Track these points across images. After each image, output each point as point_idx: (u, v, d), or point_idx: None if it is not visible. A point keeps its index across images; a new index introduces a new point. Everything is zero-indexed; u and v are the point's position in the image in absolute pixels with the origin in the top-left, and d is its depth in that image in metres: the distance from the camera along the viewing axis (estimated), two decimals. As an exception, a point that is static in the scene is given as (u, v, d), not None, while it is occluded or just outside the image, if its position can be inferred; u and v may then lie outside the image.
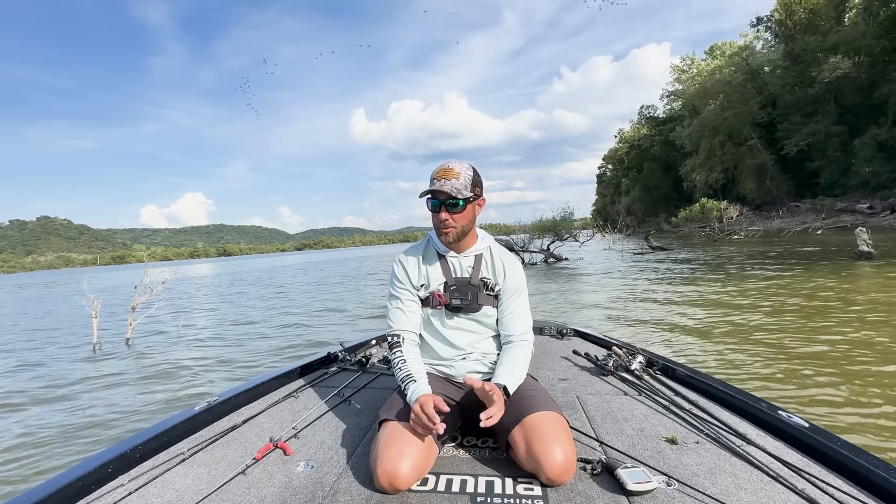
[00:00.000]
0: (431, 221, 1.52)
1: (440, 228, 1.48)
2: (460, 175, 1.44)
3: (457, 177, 1.43)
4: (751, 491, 1.15)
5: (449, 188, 1.41)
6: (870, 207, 26.01)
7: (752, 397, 1.64)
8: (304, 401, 1.93)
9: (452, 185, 1.42)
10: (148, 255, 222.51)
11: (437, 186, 1.42)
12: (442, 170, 1.45)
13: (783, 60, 36.56)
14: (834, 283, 7.97)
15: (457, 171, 1.44)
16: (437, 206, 1.45)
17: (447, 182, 1.42)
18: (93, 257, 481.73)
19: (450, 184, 1.42)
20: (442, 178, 1.43)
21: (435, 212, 1.46)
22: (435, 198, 1.45)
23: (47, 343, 8.61)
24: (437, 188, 1.42)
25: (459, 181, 1.43)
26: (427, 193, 1.46)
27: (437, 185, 1.42)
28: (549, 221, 20.17)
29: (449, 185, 1.41)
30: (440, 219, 1.46)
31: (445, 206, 1.44)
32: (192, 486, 1.27)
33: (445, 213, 1.44)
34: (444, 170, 1.45)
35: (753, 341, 4.86)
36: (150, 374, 5.63)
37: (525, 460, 1.25)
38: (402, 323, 1.54)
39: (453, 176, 1.43)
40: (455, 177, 1.43)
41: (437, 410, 1.26)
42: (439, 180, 1.43)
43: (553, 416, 1.31)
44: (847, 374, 3.70)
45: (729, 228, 26.30)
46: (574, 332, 2.97)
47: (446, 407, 1.27)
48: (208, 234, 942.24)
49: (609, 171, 73.79)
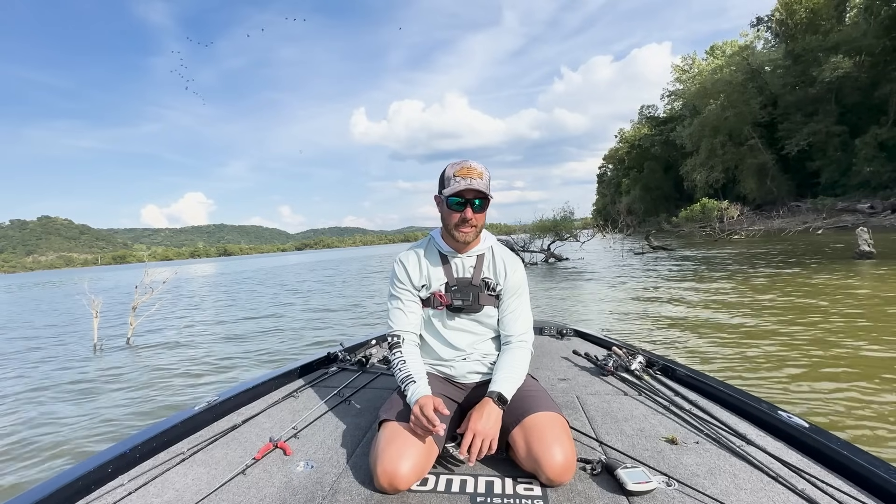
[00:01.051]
0: (445, 220, 1.50)
1: (460, 227, 1.46)
2: (483, 174, 1.42)
3: (480, 176, 1.41)
4: (751, 491, 1.15)
5: (482, 186, 1.40)
6: (871, 207, 25.99)
7: (752, 397, 1.63)
8: (304, 401, 1.93)
9: (481, 184, 1.40)
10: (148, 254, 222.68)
11: (468, 185, 1.39)
12: (464, 168, 1.42)
13: (784, 60, 36.54)
14: (835, 282, 7.97)
15: (479, 171, 1.42)
16: (463, 206, 1.44)
17: (474, 181, 1.40)
18: (93, 257, 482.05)
19: (478, 182, 1.40)
20: (468, 177, 1.40)
21: (458, 210, 1.44)
22: (461, 196, 1.43)
23: (48, 342, 8.62)
24: (471, 186, 1.39)
25: (483, 180, 1.41)
26: (458, 193, 1.42)
27: (466, 183, 1.39)
28: (550, 221, 20.19)
29: (478, 184, 1.40)
30: (465, 217, 1.44)
31: (471, 204, 1.43)
32: (192, 486, 1.27)
33: (471, 212, 1.43)
34: (466, 168, 1.42)
35: (754, 341, 4.86)
36: (151, 374, 5.63)
37: (525, 460, 1.25)
38: (402, 323, 1.53)
39: (477, 175, 1.41)
40: (479, 176, 1.41)
41: (437, 412, 1.26)
42: (465, 178, 1.40)
43: (553, 416, 1.31)
44: (848, 373, 3.70)
45: (730, 228, 26.29)
46: (574, 333, 2.97)
47: (446, 410, 1.27)
48: (209, 234, 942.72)
49: (609, 171, 73.76)
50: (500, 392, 1.35)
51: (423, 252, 1.59)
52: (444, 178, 1.45)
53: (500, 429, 1.33)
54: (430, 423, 1.23)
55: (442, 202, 1.48)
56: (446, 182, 1.44)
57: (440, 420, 1.25)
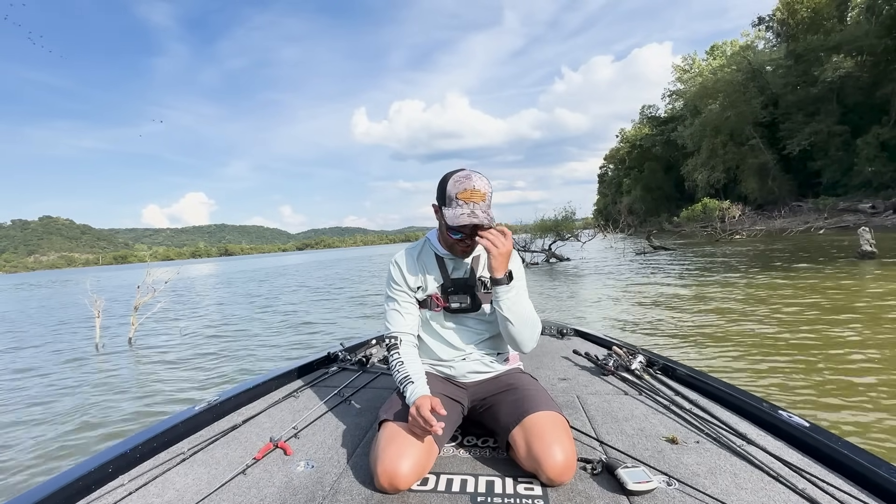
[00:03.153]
0: (442, 233, 1.49)
1: (457, 249, 1.46)
2: (486, 195, 1.36)
3: (483, 198, 1.35)
4: (751, 491, 1.15)
5: (486, 220, 1.33)
6: (872, 207, 25.93)
7: (753, 397, 1.63)
8: (304, 401, 1.93)
9: (486, 215, 1.34)
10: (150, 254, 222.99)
11: (468, 218, 1.32)
12: (468, 191, 1.34)
13: (785, 60, 36.45)
14: (837, 282, 7.95)
15: (483, 192, 1.35)
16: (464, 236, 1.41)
17: (477, 207, 1.34)
18: (94, 257, 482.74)
19: (481, 210, 1.34)
20: (471, 202, 1.34)
21: (457, 238, 1.42)
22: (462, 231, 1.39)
23: (49, 342, 8.63)
24: (478, 222, 1.33)
25: (486, 202, 1.36)
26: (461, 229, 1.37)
27: (469, 209, 1.33)
28: (551, 221, 20.15)
29: (482, 215, 1.34)
30: (464, 244, 1.43)
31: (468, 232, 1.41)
32: (193, 486, 1.27)
33: (470, 240, 1.42)
34: (469, 191, 1.34)
35: (755, 340, 4.85)
36: (151, 373, 5.64)
37: (525, 460, 1.25)
38: (399, 325, 1.52)
39: (480, 198, 1.34)
40: (482, 199, 1.35)
41: (435, 413, 1.25)
42: (468, 203, 1.34)
43: (553, 416, 1.31)
44: (849, 373, 3.69)
45: (731, 228, 26.23)
46: (574, 332, 2.97)
47: (444, 410, 1.27)
48: (210, 234, 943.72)
49: (610, 171, 73.68)
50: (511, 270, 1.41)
51: (418, 254, 1.58)
52: (446, 195, 1.39)
53: (499, 431, 1.33)
54: (427, 423, 1.23)
55: (441, 215, 1.45)
56: (447, 201, 1.38)
57: (438, 419, 1.25)
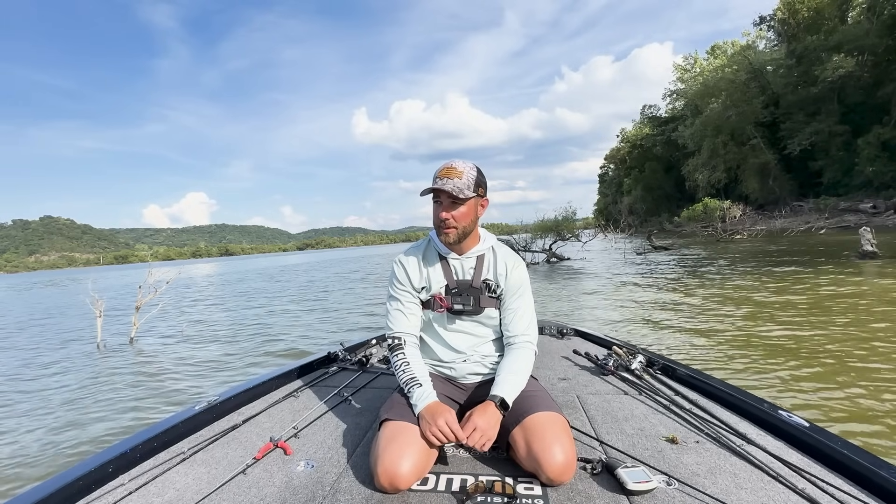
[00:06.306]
0: (433, 221, 1.50)
1: (440, 228, 1.45)
2: (462, 174, 1.41)
3: (459, 176, 1.40)
4: (751, 490, 1.15)
5: (451, 187, 1.38)
6: (873, 207, 25.90)
7: (753, 397, 1.63)
8: (304, 400, 1.93)
9: (454, 185, 1.39)
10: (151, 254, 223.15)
11: (438, 185, 1.39)
12: (444, 168, 1.42)
13: (786, 59, 36.41)
14: (838, 283, 7.95)
15: (459, 171, 1.41)
16: (438, 206, 1.44)
17: (449, 181, 1.39)
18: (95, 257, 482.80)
19: (452, 182, 1.39)
20: (444, 177, 1.40)
21: (437, 213, 1.45)
22: (436, 197, 1.44)
23: (50, 341, 8.64)
24: (439, 187, 1.39)
25: (462, 180, 1.40)
26: (428, 192, 1.44)
27: (440, 183, 1.39)
28: (552, 221, 20.14)
29: (451, 184, 1.39)
30: (441, 217, 1.43)
31: (445, 205, 1.43)
32: (193, 486, 1.27)
33: (446, 212, 1.42)
34: (446, 168, 1.42)
35: (755, 340, 4.85)
36: (152, 373, 5.64)
37: (525, 460, 1.25)
38: (402, 325, 1.52)
39: (455, 175, 1.40)
40: (458, 176, 1.40)
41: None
42: (441, 179, 1.40)
43: (553, 416, 1.31)
44: (850, 372, 3.69)
45: (732, 228, 26.23)
46: (574, 332, 2.97)
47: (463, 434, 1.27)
48: (210, 234, 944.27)
49: (611, 171, 73.64)
50: (503, 397, 1.34)
51: (422, 253, 1.58)
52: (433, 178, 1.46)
53: (499, 431, 1.32)
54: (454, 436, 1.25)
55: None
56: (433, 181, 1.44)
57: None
